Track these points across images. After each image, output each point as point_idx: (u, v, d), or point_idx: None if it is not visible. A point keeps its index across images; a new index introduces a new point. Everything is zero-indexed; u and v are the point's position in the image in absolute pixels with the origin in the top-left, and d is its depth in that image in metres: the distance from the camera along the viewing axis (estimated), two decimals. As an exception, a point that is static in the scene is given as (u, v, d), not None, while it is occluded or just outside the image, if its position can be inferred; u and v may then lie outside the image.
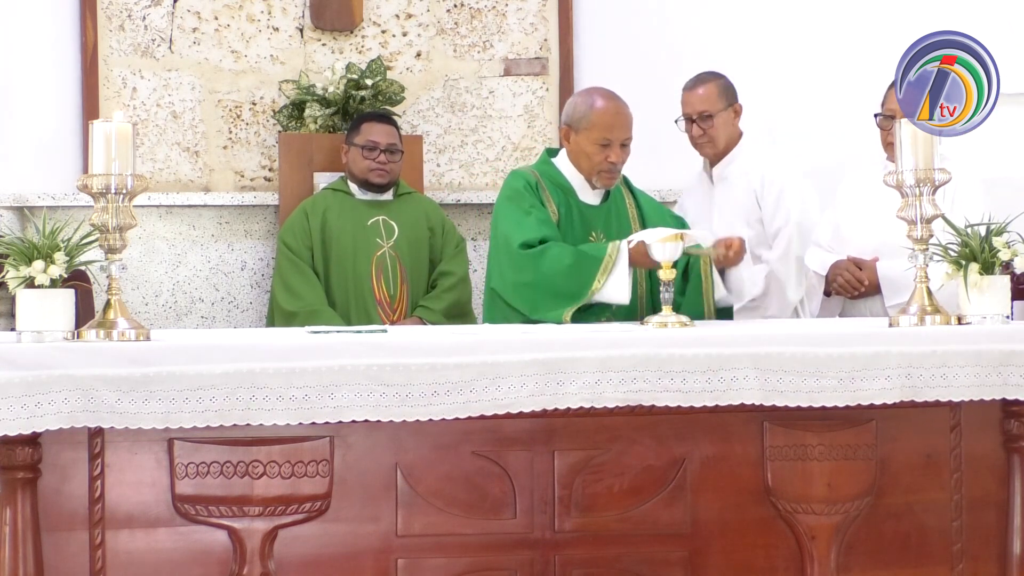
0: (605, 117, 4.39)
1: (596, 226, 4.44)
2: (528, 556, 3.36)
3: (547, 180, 4.45)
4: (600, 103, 4.42)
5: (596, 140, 4.39)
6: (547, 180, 4.45)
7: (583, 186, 4.48)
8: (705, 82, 5.23)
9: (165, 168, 5.97)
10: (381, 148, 5.59)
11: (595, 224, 4.44)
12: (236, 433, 3.19)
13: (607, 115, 4.40)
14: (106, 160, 3.32)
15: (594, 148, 4.40)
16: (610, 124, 4.39)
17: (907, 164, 3.65)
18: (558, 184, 4.45)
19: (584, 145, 4.42)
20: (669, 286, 3.77)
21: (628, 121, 4.43)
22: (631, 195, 4.60)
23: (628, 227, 4.48)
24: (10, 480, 3.08)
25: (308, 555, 3.27)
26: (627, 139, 4.42)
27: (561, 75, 6.21)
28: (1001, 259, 3.58)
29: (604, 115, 4.39)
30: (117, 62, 5.92)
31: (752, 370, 3.29)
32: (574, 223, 4.41)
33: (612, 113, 4.41)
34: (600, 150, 4.39)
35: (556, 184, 4.45)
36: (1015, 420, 3.49)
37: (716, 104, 5.20)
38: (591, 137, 4.40)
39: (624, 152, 4.42)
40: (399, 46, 6.15)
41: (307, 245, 5.58)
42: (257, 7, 6.05)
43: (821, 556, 3.44)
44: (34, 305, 3.21)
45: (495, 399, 3.21)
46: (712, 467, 3.42)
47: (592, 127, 4.39)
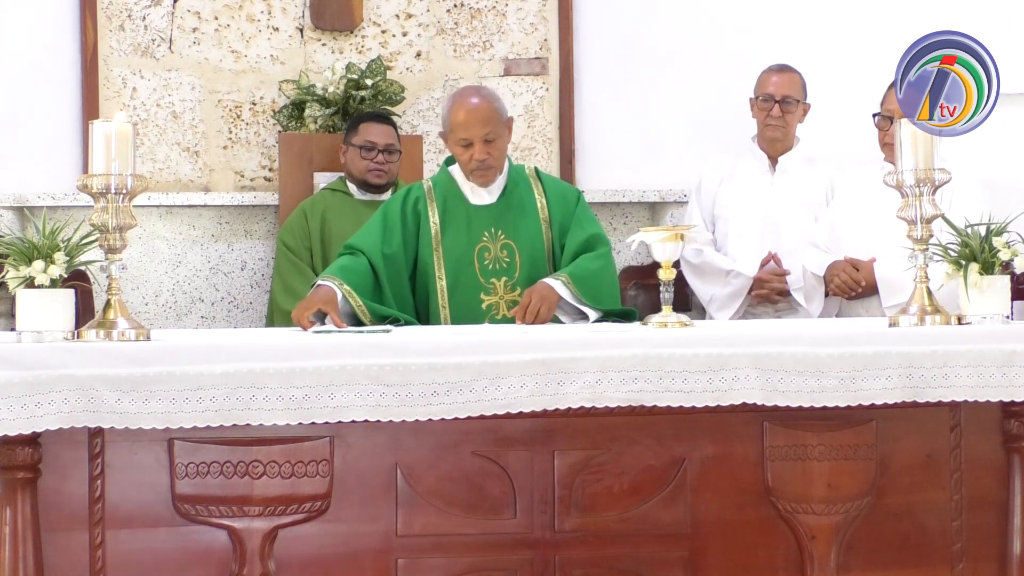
0: (460, 116, 4.35)
1: (490, 225, 4.41)
2: (528, 556, 3.36)
3: (439, 189, 4.46)
4: (456, 104, 4.39)
5: (458, 141, 4.37)
6: (439, 189, 4.46)
7: (474, 189, 4.46)
8: (792, 71, 5.45)
9: (165, 168, 5.96)
10: (379, 148, 5.59)
11: (489, 223, 4.41)
12: (236, 433, 3.19)
13: (462, 114, 4.35)
14: (106, 160, 3.32)
15: (460, 149, 4.39)
16: (466, 123, 4.34)
17: (907, 164, 3.65)
18: (449, 191, 4.45)
19: (453, 148, 4.43)
20: (669, 286, 3.76)
21: (484, 116, 4.35)
22: (540, 184, 4.53)
23: (534, 219, 4.44)
24: (10, 480, 3.08)
25: (308, 555, 3.27)
26: (489, 133, 4.35)
27: (561, 75, 6.21)
28: (1001, 259, 3.58)
29: (459, 115, 4.35)
30: (117, 62, 5.91)
31: (752, 370, 3.29)
32: (460, 227, 4.38)
33: (467, 111, 4.35)
34: (464, 150, 4.37)
35: (447, 192, 4.44)
36: (1015, 420, 3.49)
37: (800, 93, 5.41)
38: (455, 139, 4.39)
39: (491, 147, 4.36)
40: (399, 46, 6.15)
41: (306, 245, 5.58)
42: (257, 7, 6.05)
43: (821, 556, 3.44)
44: (34, 305, 3.21)
45: (495, 399, 3.21)
46: (712, 467, 3.42)
47: (453, 129, 4.37)
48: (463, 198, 4.45)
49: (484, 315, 4.33)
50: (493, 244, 4.40)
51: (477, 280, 4.37)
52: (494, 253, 4.39)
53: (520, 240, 4.40)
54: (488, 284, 4.38)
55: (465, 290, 4.35)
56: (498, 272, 4.38)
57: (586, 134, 6.23)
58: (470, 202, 4.44)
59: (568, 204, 4.47)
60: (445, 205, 4.42)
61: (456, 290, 4.34)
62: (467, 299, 4.34)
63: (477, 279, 4.37)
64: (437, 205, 4.42)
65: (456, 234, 4.38)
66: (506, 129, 4.43)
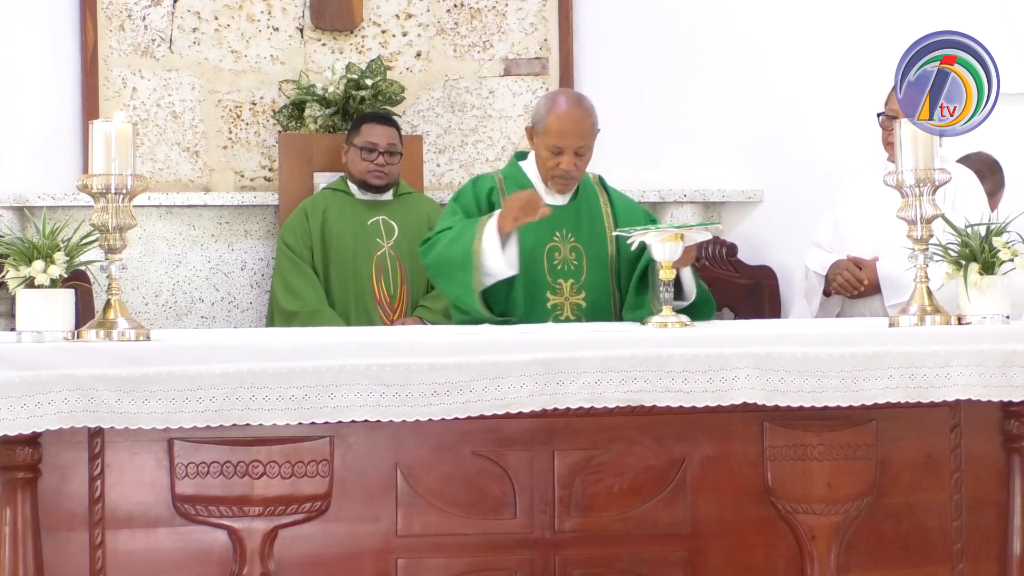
0: (559, 123, 4.28)
1: (562, 226, 4.38)
2: (528, 556, 3.36)
3: (509, 183, 4.39)
4: (557, 109, 4.32)
5: (549, 146, 4.30)
6: (509, 183, 4.39)
7: (548, 189, 4.41)
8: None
9: (165, 168, 5.97)
10: (380, 150, 5.59)
11: (560, 224, 4.37)
12: (236, 433, 3.19)
13: (561, 122, 4.28)
14: (106, 160, 3.32)
15: (547, 153, 4.32)
16: (563, 131, 4.28)
17: (907, 164, 3.65)
18: (521, 186, 4.37)
19: (540, 149, 4.35)
20: (669, 286, 3.76)
21: (584, 129, 4.30)
22: (605, 193, 4.52)
23: (601, 226, 4.42)
24: (10, 480, 3.08)
25: (308, 555, 3.27)
26: (581, 147, 4.30)
27: (561, 75, 6.21)
28: (1001, 259, 3.58)
29: (558, 121, 4.28)
30: (117, 62, 5.91)
31: (753, 370, 3.29)
32: (533, 223, 4.27)
33: (566, 120, 4.29)
34: (552, 156, 4.30)
35: (519, 186, 4.37)
36: (1015, 420, 3.49)
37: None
38: (546, 142, 4.31)
39: (580, 160, 4.32)
40: (399, 46, 6.15)
41: (307, 245, 5.58)
42: (257, 7, 6.05)
43: (821, 556, 3.44)
44: (34, 305, 3.21)
45: (495, 399, 3.21)
46: (712, 467, 3.42)
47: (547, 132, 4.30)
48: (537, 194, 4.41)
49: (548, 314, 4.29)
50: (563, 245, 4.36)
51: (544, 278, 4.32)
52: (563, 254, 4.36)
53: (588, 245, 4.36)
54: (555, 284, 4.33)
55: (532, 287, 4.31)
56: (566, 273, 4.34)
57: (586, 134, 6.22)
58: (544, 200, 4.39)
59: (636, 221, 4.39)
60: None
61: (524, 286, 4.28)
62: (533, 296, 4.31)
63: (545, 277, 4.32)
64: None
65: (528, 229, 4.27)
66: (594, 141, 4.38)
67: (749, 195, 6.23)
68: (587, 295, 4.31)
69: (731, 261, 6.11)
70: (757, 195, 6.23)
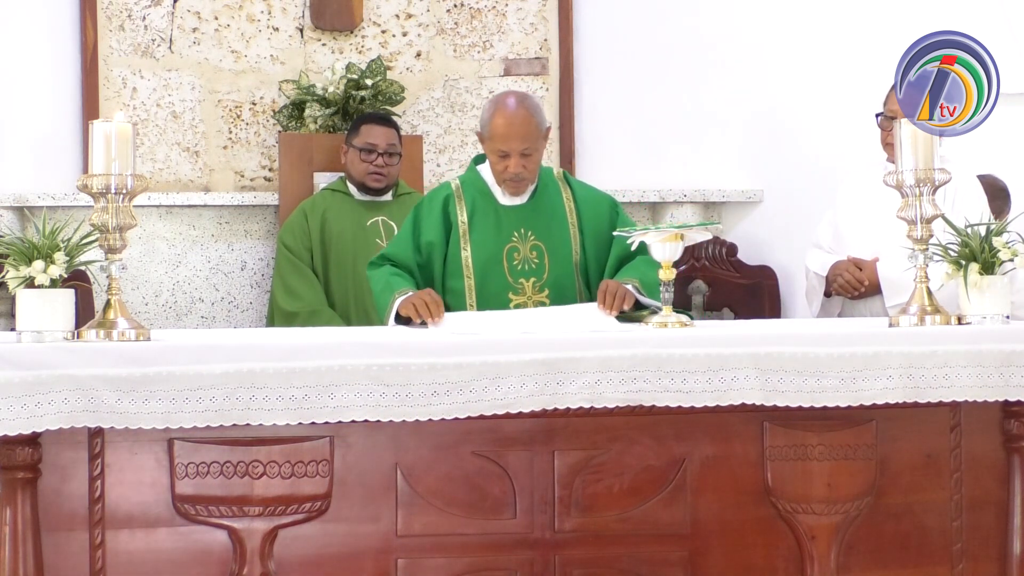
0: (503, 128, 4.26)
1: (520, 226, 4.36)
2: (528, 556, 3.36)
3: (467, 188, 4.40)
4: (500, 113, 4.29)
5: (496, 150, 4.29)
6: (467, 188, 4.40)
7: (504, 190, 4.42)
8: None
9: (165, 168, 5.97)
10: (379, 151, 5.58)
11: (518, 224, 4.36)
12: (236, 433, 3.19)
13: (504, 126, 4.25)
14: (106, 160, 3.33)
15: (495, 158, 4.30)
16: (507, 135, 4.25)
17: (907, 164, 3.65)
18: (479, 190, 4.39)
19: (489, 154, 4.35)
20: (669, 286, 3.76)
21: (528, 131, 4.26)
22: (569, 188, 4.48)
23: (563, 222, 4.39)
24: (10, 480, 3.09)
25: (308, 555, 3.28)
26: (527, 148, 4.27)
27: (561, 75, 6.21)
28: (1001, 259, 3.58)
29: (502, 126, 4.26)
30: (117, 62, 5.91)
31: (752, 370, 3.29)
32: (489, 226, 4.32)
33: (510, 123, 4.25)
34: (500, 160, 4.29)
35: (477, 190, 4.39)
36: (1015, 420, 3.49)
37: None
38: (492, 147, 4.30)
39: (528, 160, 4.29)
40: (399, 46, 6.15)
41: (306, 246, 5.58)
42: (257, 7, 6.05)
43: (821, 556, 3.44)
44: (34, 305, 3.21)
45: (495, 399, 3.21)
46: (712, 467, 3.42)
47: (493, 137, 4.28)
48: (493, 198, 4.41)
49: None
50: (523, 245, 4.37)
51: (506, 280, 4.33)
52: (523, 254, 4.36)
53: (549, 242, 4.37)
54: (516, 284, 4.34)
55: (493, 289, 4.32)
56: (527, 273, 4.35)
57: (586, 134, 6.23)
58: (500, 202, 4.39)
59: (600, 212, 4.39)
60: (474, 204, 4.38)
61: (484, 289, 4.31)
62: (495, 298, 4.31)
63: (506, 279, 4.33)
64: (466, 204, 4.38)
65: (485, 233, 4.33)
66: (544, 140, 4.36)
67: (749, 195, 6.23)
68: (550, 292, 4.30)
69: (731, 261, 6.11)
70: (757, 195, 6.23)
